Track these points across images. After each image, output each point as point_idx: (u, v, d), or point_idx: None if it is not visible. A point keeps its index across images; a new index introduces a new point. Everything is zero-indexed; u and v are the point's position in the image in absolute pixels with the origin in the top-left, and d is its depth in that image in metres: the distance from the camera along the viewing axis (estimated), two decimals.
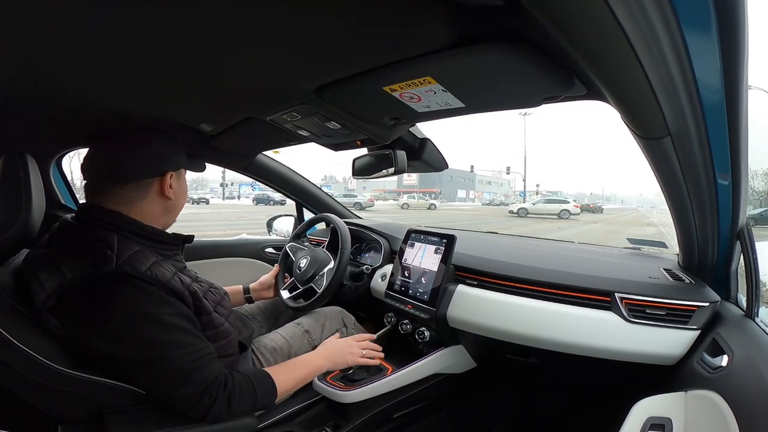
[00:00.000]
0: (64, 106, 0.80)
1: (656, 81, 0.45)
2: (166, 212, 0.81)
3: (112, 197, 0.75)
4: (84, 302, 0.66)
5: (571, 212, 20.09)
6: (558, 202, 21.99)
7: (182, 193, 0.84)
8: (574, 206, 21.05)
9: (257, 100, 0.79)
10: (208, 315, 0.78)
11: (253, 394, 0.75)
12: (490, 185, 53.34)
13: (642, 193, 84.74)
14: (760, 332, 0.70)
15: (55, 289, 0.65)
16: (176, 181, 0.81)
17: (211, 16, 0.47)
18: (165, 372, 0.68)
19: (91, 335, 0.67)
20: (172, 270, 0.75)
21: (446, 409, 1.21)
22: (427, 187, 44.82)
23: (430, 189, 31.94)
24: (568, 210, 20.22)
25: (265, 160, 1.49)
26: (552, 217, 19.32)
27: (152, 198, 0.78)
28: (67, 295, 0.66)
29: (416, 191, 26.79)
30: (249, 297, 1.24)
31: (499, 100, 0.68)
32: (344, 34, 0.51)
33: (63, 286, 0.65)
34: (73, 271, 0.66)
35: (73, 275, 0.66)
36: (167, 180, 0.79)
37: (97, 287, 0.66)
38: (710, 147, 0.58)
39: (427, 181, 47.72)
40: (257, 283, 1.27)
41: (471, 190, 40.06)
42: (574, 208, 20.63)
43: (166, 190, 0.79)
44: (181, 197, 0.83)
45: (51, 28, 0.48)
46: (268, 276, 1.29)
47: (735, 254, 0.81)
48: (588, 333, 0.86)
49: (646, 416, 0.63)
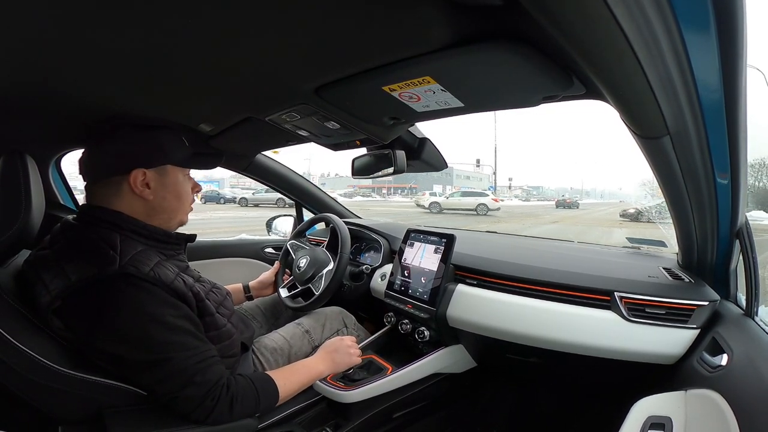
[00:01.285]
0: (63, 107, 0.80)
1: (655, 80, 0.45)
2: (151, 212, 0.78)
3: (93, 196, 0.76)
4: (89, 304, 0.66)
5: (489, 207, 17.46)
6: (476, 195, 18.77)
7: (170, 193, 0.79)
8: (492, 200, 18.26)
9: (256, 100, 0.79)
10: (211, 316, 0.78)
11: (255, 398, 0.75)
12: (468, 180, 52.27)
13: (621, 188, 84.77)
14: (759, 331, 0.70)
15: (60, 291, 0.65)
16: (156, 179, 0.77)
17: (210, 16, 0.47)
18: (168, 373, 0.68)
19: (95, 336, 0.67)
20: (174, 270, 0.75)
21: (446, 409, 1.21)
22: (403, 182, 43.33)
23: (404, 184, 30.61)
24: (485, 204, 17.54)
25: (265, 160, 1.49)
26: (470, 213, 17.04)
27: (128, 197, 0.75)
28: (72, 297, 0.66)
29: (392, 186, 25.64)
30: (249, 296, 1.25)
31: (498, 99, 0.68)
32: (343, 33, 0.51)
33: (68, 288, 0.65)
34: (77, 273, 0.66)
35: (78, 277, 0.66)
36: (136, 178, 0.75)
37: (102, 288, 0.66)
38: (709, 146, 0.58)
39: (403, 176, 46.07)
40: (257, 281, 1.27)
41: (448, 185, 39.44)
42: (492, 203, 17.94)
43: (136, 189, 0.75)
44: (167, 197, 0.79)
45: (50, 28, 0.48)
46: (268, 274, 1.30)
47: (734, 253, 0.81)
48: (588, 332, 0.86)
49: (646, 415, 0.63)
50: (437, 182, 39.45)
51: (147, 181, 0.76)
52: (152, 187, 0.77)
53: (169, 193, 0.80)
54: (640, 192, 47.20)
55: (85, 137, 0.80)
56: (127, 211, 0.75)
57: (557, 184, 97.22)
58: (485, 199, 18.16)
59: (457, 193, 19.84)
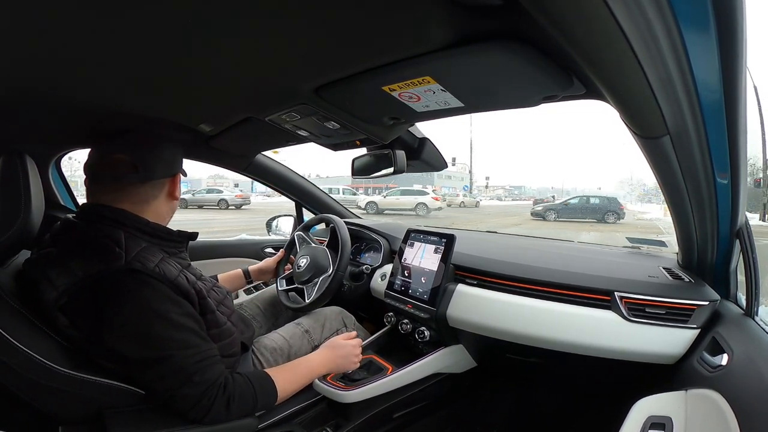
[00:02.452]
0: (63, 107, 0.80)
1: (655, 80, 0.45)
2: (170, 212, 0.84)
3: (124, 196, 0.75)
4: (95, 299, 0.66)
5: (428, 206, 16.03)
6: (414, 194, 17.09)
7: (179, 195, 0.86)
8: (432, 198, 16.71)
9: (256, 101, 0.79)
10: (212, 314, 0.79)
11: (253, 397, 0.75)
12: (450, 179, 51.62)
13: (600, 187, 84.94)
14: (759, 331, 0.70)
15: (67, 288, 0.66)
16: (178, 183, 0.84)
17: (209, 16, 0.47)
18: (168, 371, 0.68)
19: (101, 331, 0.67)
20: (177, 267, 0.75)
21: (446, 409, 1.21)
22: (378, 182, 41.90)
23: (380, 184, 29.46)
24: (425, 204, 16.05)
25: (265, 161, 1.49)
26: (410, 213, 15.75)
27: (163, 198, 0.80)
28: (79, 293, 0.66)
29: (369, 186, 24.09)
30: (250, 280, 1.27)
31: (498, 99, 0.68)
32: (343, 33, 0.51)
33: (75, 284, 0.66)
34: (84, 269, 0.66)
35: (84, 273, 0.66)
36: (177, 181, 0.82)
37: (108, 284, 0.66)
38: (709, 146, 0.58)
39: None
40: (257, 266, 1.30)
41: (429, 184, 38.76)
42: (432, 201, 16.42)
43: (176, 191, 0.82)
44: (179, 199, 0.85)
45: (50, 28, 0.48)
46: (271, 260, 1.33)
47: (734, 253, 0.81)
48: (588, 332, 0.86)
49: (646, 415, 0.63)
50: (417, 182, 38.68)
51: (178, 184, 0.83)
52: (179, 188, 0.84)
53: (179, 195, 0.86)
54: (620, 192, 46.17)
55: (87, 137, 0.81)
56: (155, 210, 0.79)
57: (539, 184, 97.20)
58: (425, 198, 16.60)
59: (396, 192, 17.78)
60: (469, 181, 34.40)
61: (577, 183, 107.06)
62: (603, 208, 14.59)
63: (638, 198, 41.84)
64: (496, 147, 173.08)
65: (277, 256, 1.34)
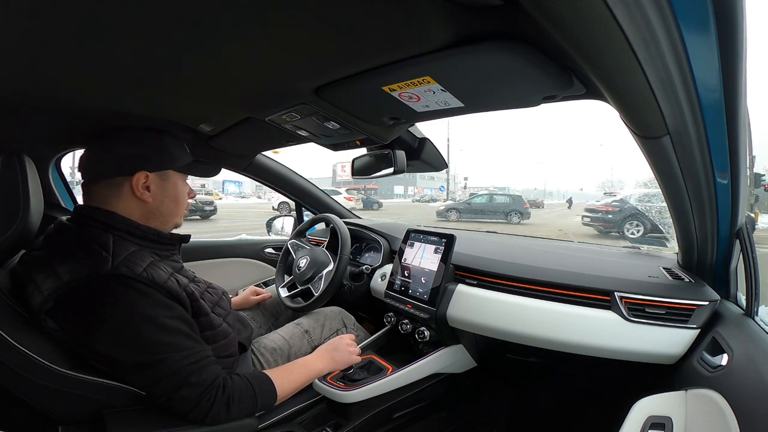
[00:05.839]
0: (63, 107, 0.80)
1: (655, 80, 0.45)
2: (148, 215, 0.78)
3: (91, 196, 0.76)
4: (81, 304, 0.66)
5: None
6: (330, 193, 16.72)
7: (168, 197, 0.81)
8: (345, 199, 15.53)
9: (256, 101, 0.79)
10: (206, 316, 0.78)
11: (252, 397, 0.75)
12: (432, 180, 51.19)
13: (582, 188, 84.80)
14: (759, 331, 0.70)
15: (51, 292, 0.65)
16: (157, 183, 0.79)
17: (209, 16, 0.47)
18: (162, 375, 0.67)
19: (89, 337, 0.67)
20: (168, 271, 0.75)
21: (446, 409, 1.21)
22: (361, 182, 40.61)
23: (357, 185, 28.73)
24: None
25: (265, 161, 1.49)
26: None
27: (127, 198, 0.76)
28: (64, 298, 0.66)
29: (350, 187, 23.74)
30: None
31: (498, 99, 0.68)
32: (343, 33, 0.51)
33: (60, 289, 0.65)
34: (69, 273, 0.66)
35: (70, 277, 0.65)
36: (138, 180, 0.76)
37: (94, 289, 0.66)
38: (709, 146, 0.58)
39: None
40: (240, 297, 1.23)
41: (411, 186, 38.00)
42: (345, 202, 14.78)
43: (137, 191, 0.76)
44: (166, 201, 0.80)
45: (50, 28, 0.48)
46: (247, 292, 1.24)
47: (734, 253, 0.81)
48: (588, 332, 0.86)
49: (646, 415, 0.63)
50: (399, 183, 37.63)
51: (148, 184, 0.77)
52: (152, 190, 0.78)
53: (168, 197, 0.81)
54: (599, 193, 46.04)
55: (87, 137, 0.81)
56: (123, 212, 0.76)
57: (523, 185, 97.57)
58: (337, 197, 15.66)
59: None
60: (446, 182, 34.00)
61: (560, 184, 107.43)
62: (507, 207, 14.00)
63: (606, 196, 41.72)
64: (481, 148, 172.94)
65: (250, 290, 1.25)
